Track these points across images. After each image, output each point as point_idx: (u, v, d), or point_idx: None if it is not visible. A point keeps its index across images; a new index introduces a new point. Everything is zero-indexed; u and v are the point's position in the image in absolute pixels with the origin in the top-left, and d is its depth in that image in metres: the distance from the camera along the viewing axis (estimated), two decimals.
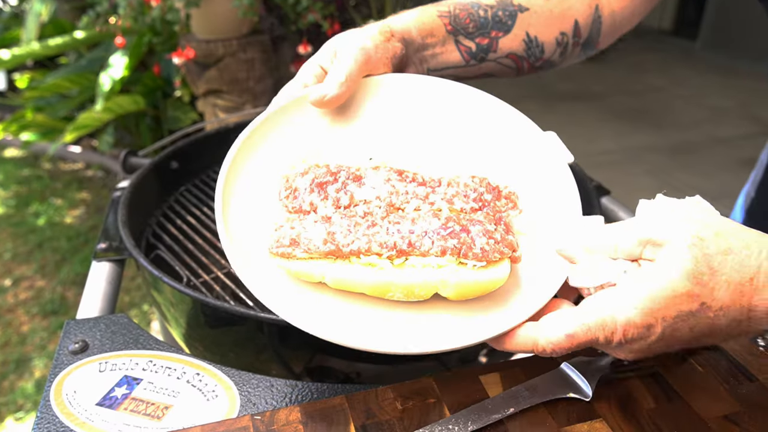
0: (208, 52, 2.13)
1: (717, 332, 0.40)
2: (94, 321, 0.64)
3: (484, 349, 0.73)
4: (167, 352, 0.59)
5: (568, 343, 0.42)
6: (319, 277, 0.47)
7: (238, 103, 2.27)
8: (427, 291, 0.46)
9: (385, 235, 0.47)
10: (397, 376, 0.68)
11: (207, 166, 1.07)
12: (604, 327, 0.40)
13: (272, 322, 0.63)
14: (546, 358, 0.55)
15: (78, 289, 2.28)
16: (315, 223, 0.48)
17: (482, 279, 0.45)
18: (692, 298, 0.38)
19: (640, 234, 0.41)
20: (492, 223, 0.48)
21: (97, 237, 0.85)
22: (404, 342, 0.45)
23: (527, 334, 0.44)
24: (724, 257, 0.38)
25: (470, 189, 0.51)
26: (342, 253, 0.46)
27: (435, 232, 0.46)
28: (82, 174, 3.20)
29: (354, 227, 0.47)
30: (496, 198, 0.51)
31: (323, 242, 0.46)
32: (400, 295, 0.46)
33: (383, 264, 0.46)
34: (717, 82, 4.72)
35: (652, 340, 0.40)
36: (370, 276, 0.46)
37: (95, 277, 0.77)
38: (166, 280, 0.68)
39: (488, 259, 0.46)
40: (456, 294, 0.46)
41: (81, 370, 0.57)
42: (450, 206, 0.50)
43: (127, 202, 0.84)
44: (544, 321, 0.44)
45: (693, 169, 3.25)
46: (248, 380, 0.55)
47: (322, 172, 0.51)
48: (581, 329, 0.41)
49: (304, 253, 0.46)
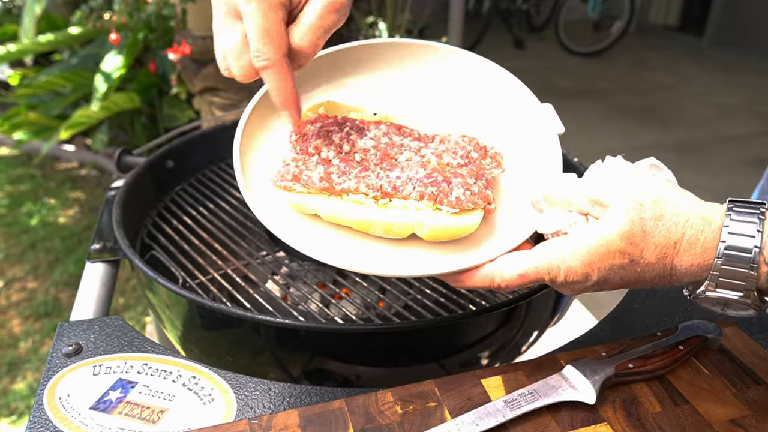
0: (204, 49, 2.13)
1: (643, 281, 0.47)
2: (88, 323, 0.64)
3: (485, 351, 0.74)
4: (163, 354, 0.59)
5: (519, 281, 0.49)
6: (313, 209, 0.54)
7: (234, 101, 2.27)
8: (404, 230, 0.52)
9: (375, 179, 0.54)
10: (397, 379, 0.68)
11: (203, 165, 1.07)
12: (550, 270, 0.48)
13: (270, 324, 0.63)
14: (550, 362, 0.55)
15: (71, 291, 2.28)
16: (316, 165, 0.55)
17: (453, 224, 0.52)
18: (624, 255, 0.45)
19: (590, 194, 0.48)
20: (473, 178, 0.54)
21: (91, 237, 0.85)
22: (375, 265, 0.51)
23: (485, 272, 0.51)
24: (656, 222, 0.45)
25: (459, 147, 0.57)
26: (334, 190, 0.54)
27: (419, 180, 0.53)
28: (75, 173, 3.21)
29: (349, 170, 0.55)
30: (482, 157, 0.57)
31: (319, 180, 0.54)
32: (380, 232, 0.53)
33: (369, 203, 0.53)
34: (724, 79, 4.72)
35: (589, 284, 0.48)
36: (356, 212, 0.53)
37: (89, 278, 0.77)
38: (161, 282, 0.68)
39: (462, 207, 0.52)
40: (429, 235, 0.52)
41: (74, 374, 0.57)
42: (438, 160, 0.56)
43: (122, 202, 0.84)
44: (501, 260, 0.51)
45: (700, 168, 3.25)
46: (245, 383, 0.55)
47: (329, 122, 0.59)
48: (531, 269, 0.49)
49: (302, 188, 0.54)
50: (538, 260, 0.48)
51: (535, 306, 0.73)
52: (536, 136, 0.61)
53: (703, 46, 5.52)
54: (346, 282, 0.78)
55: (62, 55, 3.05)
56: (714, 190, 2.92)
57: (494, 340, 0.73)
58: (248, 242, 0.88)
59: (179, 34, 2.19)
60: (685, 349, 0.54)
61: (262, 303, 0.73)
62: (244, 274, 0.82)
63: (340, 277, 0.81)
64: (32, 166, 3.26)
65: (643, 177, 0.48)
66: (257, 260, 0.85)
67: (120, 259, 0.80)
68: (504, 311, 0.68)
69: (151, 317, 2.08)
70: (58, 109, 2.71)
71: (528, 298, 0.67)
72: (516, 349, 0.80)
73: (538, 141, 0.60)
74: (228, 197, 0.98)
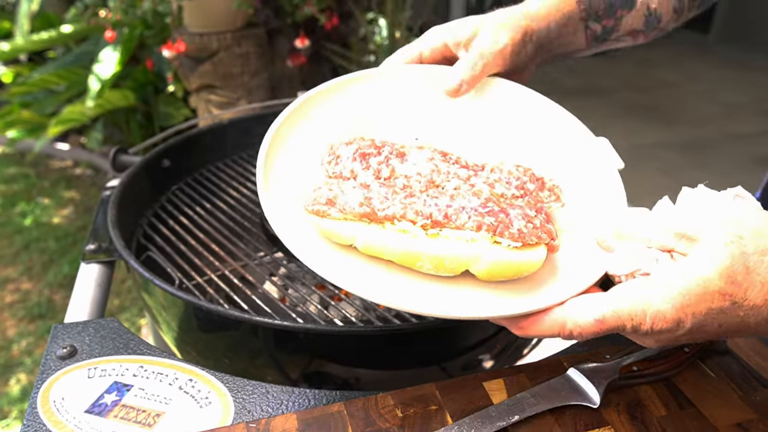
0: (201, 46, 2.13)
1: (745, 329, 0.41)
2: (83, 325, 0.64)
3: (487, 353, 0.74)
4: (159, 357, 0.59)
5: (597, 328, 0.42)
6: (350, 238, 0.48)
7: (232, 99, 2.27)
8: (457, 265, 0.47)
9: (422, 205, 0.48)
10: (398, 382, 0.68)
11: (200, 164, 1.07)
12: (633, 316, 0.41)
13: (268, 326, 0.63)
14: (553, 364, 0.55)
15: (66, 292, 2.28)
16: (353, 188, 0.50)
17: (516, 259, 0.46)
18: (724, 297, 0.39)
19: (676, 227, 0.42)
20: (532, 210, 0.49)
21: (85, 238, 0.85)
22: (426, 304, 0.45)
23: (554, 317, 0.44)
24: (760, 257, 0.39)
25: (513, 177, 0.52)
26: (376, 216, 0.48)
27: (473, 209, 0.48)
28: (70, 172, 3.21)
29: (391, 195, 0.49)
30: (539, 188, 0.52)
31: (359, 204, 0.48)
32: (429, 266, 0.47)
33: (416, 232, 0.48)
34: (731, 76, 4.72)
35: (680, 333, 0.41)
36: (401, 242, 0.47)
37: (84, 279, 0.77)
38: (157, 283, 0.68)
39: (525, 240, 0.47)
40: (487, 272, 0.47)
41: (69, 376, 0.57)
42: (491, 189, 0.51)
43: (117, 202, 0.84)
44: (572, 303, 0.44)
45: (707, 167, 3.25)
46: (243, 386, 0.55)
47: (366, 144, 0.54)
48: (611, 315, 0.42)
49: (338, 213, 0.48)
50: (618, 304, 0.42)
51: None
52: (592, 172, 0.56)
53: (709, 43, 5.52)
54: None
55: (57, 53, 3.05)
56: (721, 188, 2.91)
57: (496, 343, 0.73)
58: (246, 243, 0.88)
59: (175, 31, 2.19)
60: (690, 351, 0.54)
61: (259, 304, 0.73)
62: (242, 275, 0.82)
63: None
64: (26, 164, 3.27)
65: (733, 206, 0.43)
66: (255, 261, 0.85)
67: (115, 260, 0.81)
68: None
69: (146, 319, 2.08)
70: (52, 107, 2.71)
71: None
72: (518, 351, 0.80)
73: (594, 176, 0.56)
74: (225, 197, 0.98)
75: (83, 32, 2.62)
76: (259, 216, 0.90)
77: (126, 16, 2.34)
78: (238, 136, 1.13)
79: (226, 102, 2.28)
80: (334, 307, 0.75)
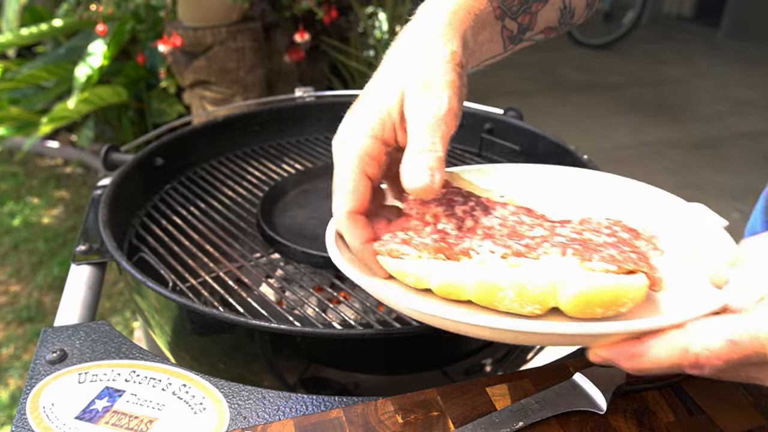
0: (195, 41, 2.13)
1: None
2: (73, 329, 0.64)
3: (491, 357, 0.74)
4: (151, 361, 0.59)
5: (729, 351, 0.35)
6: (425, 279, 0.45)
7: (227, 95, 2.28)
8: (542, 292, 0.41)
9: (501, 240, 0.46)
10: (398, 387, 0.68)
11: (194, 162, 1.07)
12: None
13: (264, 329, 0.63)
14: (558, 369, 0.55)
15: (56, 295, 2.28)
16: (429, 234, 0.48)
17: (612, 283, 0.40)
18: None
19: None
20: (626, 246, 0.45)
21: (76, 238, 0.85)
22: (524, 325, 0.39)
23: (673, 340, 0.37)
24: None
25: (603, 226, 0.48)
26: (453, 251, 0.45)
27: (558, 242, 0.45)
28: (60, 171, 3.21)
29: (469, 235, 0.47)
30: (633, 237, 0.48)
31: (434, 240, 0.46)
32: (511, 296, 0.41)
33: (496, 262, 0.44)
34: (741, 72, 4.72)
35: None
36: (478, 274, 0.43)
37: (74, 281, 0.77)
38: (150, 285, 0.68)
39: (619, 264, 0.42)
40: (578, 300, 0.40)
41: (59, 381, 0.57)
42: (579, 236, 0.47)
43: (109, 201, 0.84)
44: (696, 325, 0.37)
45: (716, 165, 3.25)
46: (238, 392, 0.55)
47: (452, 191, 0.52)
48: (744, 337, 0.35)
49: (412, 250, 0.46)
50: (751, 326, 0.35)
51: None
52: (692, 231, 0.52)
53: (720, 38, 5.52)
54: (344, 285, 0.78)
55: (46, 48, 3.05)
56: (731, 188, 2.93)
57: (500, 347, 0.73)
58: (241, 244, 0.88)
59: (169, 25, 2.19)
60: None
61: (255, 307, 0.73)
62: (237, 277, 0.82)
63: (338, 280, 0.81)
64: (14, 163, 3.26)
65: None
66: (251, 262, 0.85)
67: (107, 262, 0.80)
68: None
69: (139, 322, 2.08)
70: (41, 104, 2.71)
71: None
72: (522, 355, 0.80)
73: (695, 235, 0.51)
74: (220, 196, 0.98)
75: (74, 27, 2.62)
76: (254, 216, 0.90)
77: (118, 9, 2.34)
78: (233, 134, 1.13)
79: (221, 98, 2.28)
80: (332, 309, 0.75)
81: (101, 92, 2.46)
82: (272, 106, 1.18)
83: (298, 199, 0.92)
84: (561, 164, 1.01)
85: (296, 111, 1.19)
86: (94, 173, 3.13)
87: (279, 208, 0.91)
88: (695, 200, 0.55)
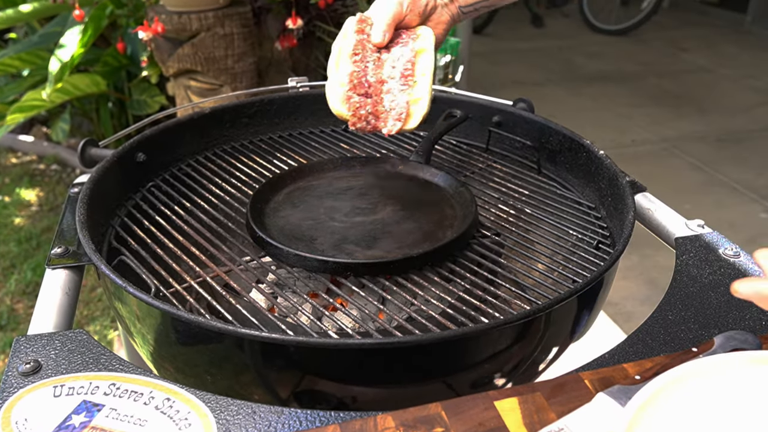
0: (179, 26, 2.13)
1: None
2: (48, 338, 0.64)
3: (499, 369, 0.74)
4: (133, 373, 0.59)
5: None
6: None
7: (214, 86, 2.28)
8: None
9: None
10: (399, 401, 0.68)
11: (179, 158, 1.07)
12: None
13: (254, 338, 0.63)
14: (572, 381, 0.55)
15: (29, 301, 2.28)
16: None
17: None
18: None
19: None
20: None
21: (51, 240, 0.85)
22: None
23: None
24: None
25: None
26: None
27: None
28: (33, 167, 3.21)
29: None
30: None
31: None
32: None
33: None
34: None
35: None
36: None
37: (49, 286, 0.77)
38: (131, 290, 0.68)
39: None
40: None
41: (33, 395, 0.57)
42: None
43: (87, 200, 0.84)
44: None
45: (742, 161, 3.25)
46: (227, 406, 0.55)
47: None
48: None
49: None
50: None
51: (556, 318, 0.73)
52: None
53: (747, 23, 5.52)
54: (341, 291, 0.78)
55: (18, 34, 3.05)
56: (758, 187, 2.92)
57: (509, 357, 0.73)
58: (230, 246, 0.88)
59: (151, 10, 2.19)
60: None
61: (245, 315, 0.73)
62: (225, 282, 0.82)
63: (334, 285, 0.81)
64: None
65: None
66: (240, 266, 0.85)
67: (84, 265, 0.80)
68: (521, 324, 0.68)
69: (119, 331, 2.07)
70: (13, 95, 2.71)
71: (548, 309, 0.68)
72: (533, 367, 0.80)
73: None
74: (207, 195, 0.98)
75: (49, 11, 2.61)
76: (244, 216, 0.90)
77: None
78: (221, 127, 1.13)
79: (208, 89, 2.28)
80: (328, 317, 0.76)
81: (77, 81, 2.46)
82: (263, 97, 1.18)
83: (291, 198, 0.92)
84: (575, 159, 1.01)
85: (289, 102, 1.19)
86: (70, 170, 3.13)
87: (270, 207, 0.91)
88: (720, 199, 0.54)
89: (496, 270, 0.81)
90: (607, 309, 2.01)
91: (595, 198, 0.97)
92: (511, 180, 1.03)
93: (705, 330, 0.66)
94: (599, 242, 0.87)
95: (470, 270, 0.80)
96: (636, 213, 0.84)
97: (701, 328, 0.66)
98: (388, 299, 0.78)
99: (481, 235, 0.89)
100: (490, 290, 0.78)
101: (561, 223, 0.92)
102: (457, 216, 0.88)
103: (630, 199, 0.85)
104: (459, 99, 1.14)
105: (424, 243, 0.82)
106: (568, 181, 1.04)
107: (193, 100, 2.27)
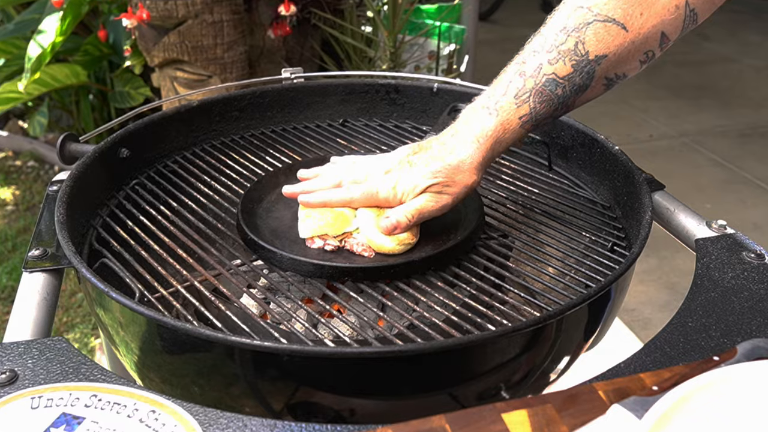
0: (165, 13, 2.13)
1: None
2: (25, 346, 0.64)
3: (507, 379, 0.74)
4: (115, 384, 0.59)
5: None
6: None
7: (202, 76, 2.28)
8: None
9: None
10: (400, 413, 0.68)
11: (165, 154, 1.07)
12: None
13: (245, 347, 0.63)
14: (585, 393, 0.55)
15: (5, 307, 2.28)
16: None
17: None
18: None
19: None
20: None
21: (28, 242, 0.85)
22: None
23: None
24: None
25: None
26: None
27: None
28: (9, 164, 3.21)
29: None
30: None
31: None
32: None
33: None
34: None
35: None
36: None
37: (26, 291, 0.77)
38: (113, 295, 0.68)
39: None
40: None
41: (9, 407, 0.57)
42: None
43: (66, 199, 0.84)
44: None
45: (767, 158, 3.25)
46: (216, 419, 0.55)
47: None
48: None
49: None
50: None
51: (568, 325, 0.73)
52: None
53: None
54: (338, 297, 0.78)
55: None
56: None
57: (518, 367, 0.73)
58: (219, 248, 0.88)
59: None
60: None
61: (236, 321, 0.73)
62: (214, 287, 0.82)
63: (330, 291, 0.81)
64: None
65: None
66: (230, 270, 0.85)
67: (64, 269, 0.81)
68: (530, 332, 0.68)
69: (101, 339, 2.08)
70: None
71: (559, 316, 0.68)
72: (544, 377, 0.80)
73: None
74: (195, 193, 0.99)
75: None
76: (234, 217, 0.91)
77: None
78: (210, 121, 1.13)
79: (196, 80, 2.28)
80: (324, 324, 0.76)
81: (56, 72, 2.46)
82: (255, 89, 1.18)
83: (284, 198, 0.92)
84: (588, 155, 1.01)
85: (283, 95, 1.19)
86: (48, 167, 3.13)
87: (263, 207, 0.91)
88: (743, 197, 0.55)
89: (504, 274, 0.81)
90: (622, 315, 2.01)
91: (610, 197, 0.98)
92: (520, 178, 1.03)
93: (727, 338, 0.66)
94: (614, 244, 0.87)
95: (476, 274, 0.81)
96: (653, 213, 0.84)
97: (723, 335, 0.66)
98: (388, 305, 0.78)
99: (487, 237, 0.89)
100: (498, 296, 0.78)
101: (573, 223, 0.92)
102: (462, 217, 0.88)
103: (647, 198, 0.85)
104: (464, 91, 1.14)
105: (426, 246, 0.82)
106: (580, 179, 1.04)
107: (180, 92, 2.27)
